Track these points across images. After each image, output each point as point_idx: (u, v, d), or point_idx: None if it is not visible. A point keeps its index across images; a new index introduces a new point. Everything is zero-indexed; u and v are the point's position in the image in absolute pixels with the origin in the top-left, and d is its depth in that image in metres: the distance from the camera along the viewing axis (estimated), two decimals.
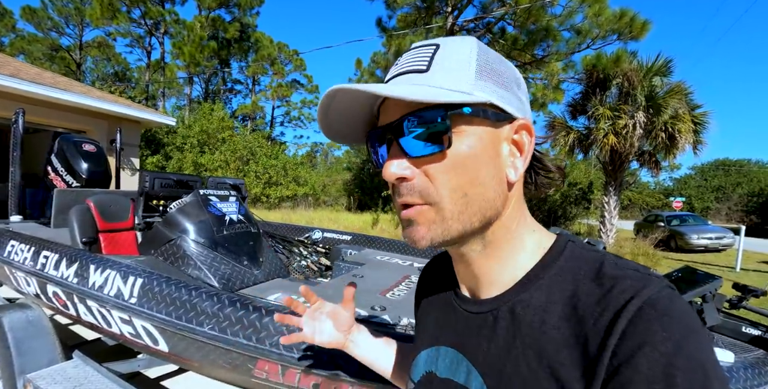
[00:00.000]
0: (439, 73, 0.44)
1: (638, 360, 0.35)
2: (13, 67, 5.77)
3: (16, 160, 3.66)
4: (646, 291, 0.39)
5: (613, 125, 10.59)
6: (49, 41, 25.35)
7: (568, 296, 0.43)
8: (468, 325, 0.51)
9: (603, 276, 0.42)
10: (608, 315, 0.39)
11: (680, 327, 0.36)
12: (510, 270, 0.49)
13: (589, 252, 0.47)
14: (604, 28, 10.52)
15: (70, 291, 1.72)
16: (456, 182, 0.44)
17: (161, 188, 2.30)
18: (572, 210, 17.83)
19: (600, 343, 0.38)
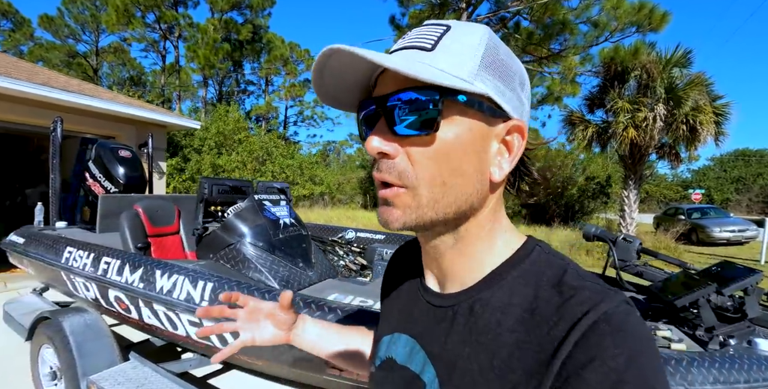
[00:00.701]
0: (444, 54, 0.43)
1: (587, 373, 0.35)
2: (45, 75, 5.94)
3: (55, 167, 3.78)
4: (603, 305, 0.38)
5: (633, 118, 10.45)
6: (66, 48, 25.86)
7: (527, 300, 0.43)
8: (429, 317, 0.51)
9: (564, 284, 0.42)
10: (563, 325, 0.39)
11: (633, 344, 0.36)
12: (476, 268, 0.48)
13: (555, 258, 0.47)
14: (622, 21, 10.36)
15: (134, 296, 1.78)
16: (437, 170, 0.43)
17: (218, 194, 2.36)
18: (590, 204, 17.65)
19: (552, 352, 0.38)
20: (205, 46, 21.82)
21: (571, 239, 10.83)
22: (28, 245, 2.72)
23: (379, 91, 0.46)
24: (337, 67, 0.44)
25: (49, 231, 3.06)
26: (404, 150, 0.43)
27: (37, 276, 2.97)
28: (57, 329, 2.20)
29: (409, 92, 0.42)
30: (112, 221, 3.13)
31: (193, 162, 14.89)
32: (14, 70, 5.47)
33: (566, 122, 12.18)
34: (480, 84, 0.42)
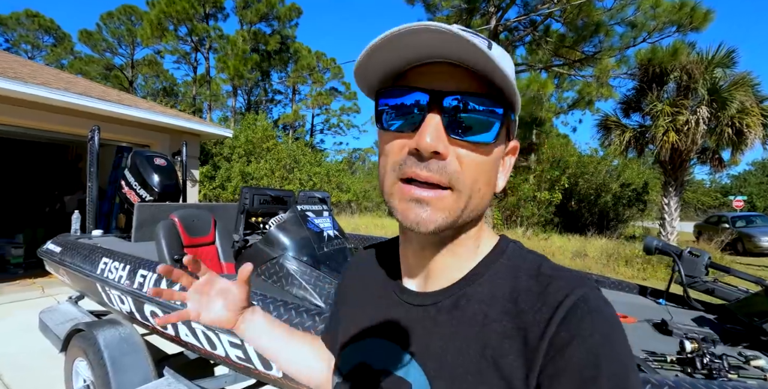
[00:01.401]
0: (505, 66, 0.41)
1: (571, 349, 0.39)
2: (83, 85, 6.09)
3: (93, 175, 3.79)
4: (579, 290, 0.42)
5: (674, 122, 10.00)
6: (104, 61, 27.04)
7: (509, 291, 0.46)
8: (409, 317, 0.51)
9: (541, 275, 0.46)
10: (546, 309, 0.42)
11: (607, 323, 0.41)
12: (461, 266, 0.50)
13: (529, 254, 0.51)
14: (661, 20, 9.93)
15: (170, 312, 1.68)
16: (480, 177, 0.45)
17: (259, 205, 2.26)
18: (625, 212, 16.95)
19: (539, 334, 0.41)
20: (235, 57, 22.35)
21: (608, 248, 10.36)
22: (64, 255, 2.69)
23: (430, 84, 0.44)
24: (396, 48, 0.43)
25: (85, 240, 3.03)
26: (454, 153, 0.43)
27: (73, 286, 2.93)
28: (91, 342, 2.13)
29: (483, 99, 0.43)
30: (147, 230, 3.08)
31: (222, 170, 15.16)
32: (54, 80, 5.63)
33: (601, 127, 11.79)
34: (516, 104, 0.46)
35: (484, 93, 0.43)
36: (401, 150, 0.44)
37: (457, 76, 0.43)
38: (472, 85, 0.43)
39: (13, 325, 4.06)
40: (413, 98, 0.44)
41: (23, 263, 6.47)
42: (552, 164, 15.09)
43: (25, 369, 3.13)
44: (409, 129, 0.44)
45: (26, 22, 26.98)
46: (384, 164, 0.47)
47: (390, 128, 0.46)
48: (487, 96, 0.43)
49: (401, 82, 0.47)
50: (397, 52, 0.43)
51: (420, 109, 0.43)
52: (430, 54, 0.43)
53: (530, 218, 12.85)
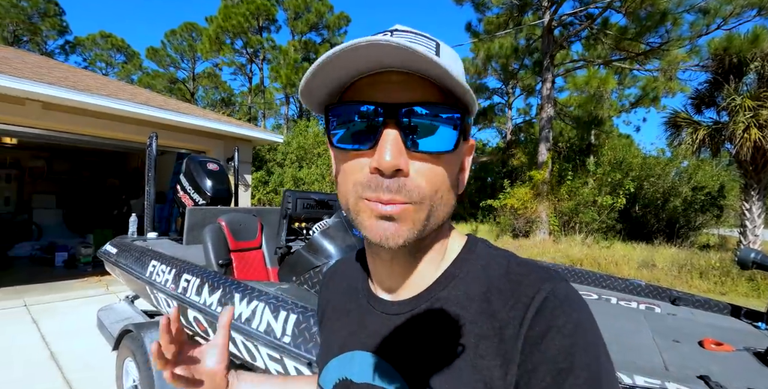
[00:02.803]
0: (455, 69, 0.39)
1: (546, 343, 0.40)
2: (144, 96, 6.47)
3: (151, 180, 3.93)
4: (548, 284, 0.43)
5: (755, 117, 9.01)
6: (168, 75, 29.05)
7: (482, 291, 0.46)
8: (385, 326, 0.51)
9: (511, 273, 0.46)
10: (519, 306, 0.42)
11: (578, 313, 0.42)
12: (431, 271, 0.50)
13: (498, 251, 0.51)
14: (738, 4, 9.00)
15: (212, 320, 1.62)
16: (441, 185, 0.44)
17: (303, 210, 2.18)
18: (697, 218, 15.48)
19: (514, 332, 0.41)
20: (287, 67, 23.10)
21: (679, 258, 9.46)
22: (119, 256, 2.76)
23: (382, 97, 0.42)
24: (341, 64, 0.40)
25: (139, 242, 3.12)
26: (415, 165, 0.42)
27: (127, 286, 3.02)
28: (139, 344, 2.14)
29: (439, 107, 0.42)
30: (198, 233, 3.12)
31: (275, 175, 15.63)
32: (120, 92, 6.02)
33: (669, 125, 10.85)
34: (472, 107, 0.45)
35: (439, 101, 0.42)
36: (361, 169, 0.43)
37: (410, 85, 0.41)
38: (425, 94, 0.41)
39: (78, 321, 4.29)
40: (366, 113, 0.42)
41: (92, 261, 6.94)
42: (613, 167, 14.13)
43: (87, 366, 3.26)
44: (366, 145, 0.42)
45: (101, 43, 29.62)
46: (344, 181, 0.46)
47: (344, 146, 0.44)
48: (442, 104, 0.42)
49: (350, 94, 0.45)
50: (342, 69, 0.41)
51: (375, 124, 0.41)
52: (376, 66, 0.41)
53: (590, 225, 12.05)
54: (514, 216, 12.49)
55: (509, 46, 13.83)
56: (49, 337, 3.79)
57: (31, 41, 25.53)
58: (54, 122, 5.06)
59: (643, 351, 1.44)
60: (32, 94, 4.58)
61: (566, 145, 18.28)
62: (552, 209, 12.07)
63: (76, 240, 7.74)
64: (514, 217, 12.51)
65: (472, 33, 12.75)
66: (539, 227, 12.01)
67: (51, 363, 3.30)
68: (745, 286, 7.59)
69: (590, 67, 11.77)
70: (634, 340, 1.54)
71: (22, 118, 4.85)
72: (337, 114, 0.44)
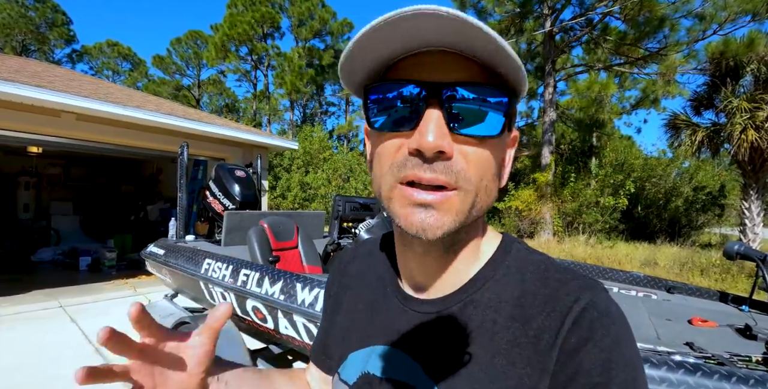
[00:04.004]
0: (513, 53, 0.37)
1: (582, 355, 0.39)
2: (168, 106, 6.79)
3: (183, 186, 4.19)
4: (588, 294, 0.42)
5: (752, 118, 9.26)
6: (174, 83, 29.49)
7: (516, 296, 0.44)
8: (414, 325, 0.49)
9: (549, 278, 0.44)
10: (556, 315, 0.41)
11: (617, 327, 0.40)
12: (463, 270, 0.48)
13: (534, 255, 0.48)
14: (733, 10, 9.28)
15: (273, 307, 1.89)
16: (487, 173, 0.41)
17: (351, 212, 2.46)
18: (699, 218, 15.71)
19: (549, 341, 0.40)
20: (291, 73, 23.49)
21: (681, 257, 9.69)
22: (168, 256, 3.04)
23: (426, 75, 0.39)
24: (397, 34, 0.37)
25: (182, 244, 3.40)
26: (459, 150, 0.39)
27: (173, 284, 3.29)
28: None
29: (485, 88, 0.39)
30: (235, 235, 3.39)
31: (283, 180, 15.90)
32: (147, 103, 6.34)
33: (669, 127, 11.11)
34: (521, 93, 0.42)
35: (486, 82, 0.39)
36: (398, 150, 0.40)
37: (455, 65, 0.39)
38: (472, 74, 0.39)
39: (114, 320, 4.57)
40: (408, 92, 0.39)
41: (116, 265, 7.23)
42: (615, 168, 14.38)
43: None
44: (406, 127, 0.39)
45: (107, 51, 30.12)
46: (378, 166, 0.43)
47: (383, 128, 0.42)
48: (489, 85, 0.39)
49: (392, 75, 0.42)
50: (396, 40, 0.38)
51: (417, 103, 0.39)
52: (434, 42, 0.38)
53: (593, 225, 12.30)
54: (519, 218, 12.74)
55: None
56: (91, 335, 4.07)
57: (38, 51, 25.98)
58: (87, 133, 5.35)
59: (639, 327, 1.69)
60: (67, 106, 4.87)
61: (568, 147, 18.53)
62: (556, 210, 12.32)
63: (97, 245, 8.02)
64: (518, 218, 12.76)
65: None
66: (543, 228, 12.26)
67: (98, 357, 3.59)
68: (744, 283, 7.81)
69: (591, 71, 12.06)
70: (632, 320, 1.78)
71: (57, 129, 5.15)
72: (376, 94, 0.42)
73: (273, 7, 24.16)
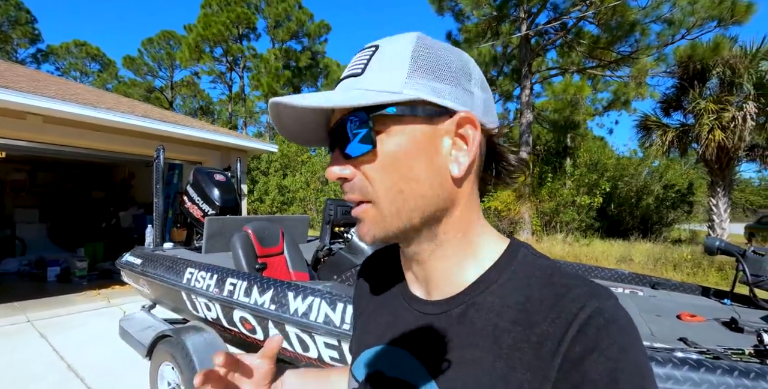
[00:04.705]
0: (373, 74, 0.45)
1: (587, 364, 0.38)
2: (142, 108, 6.54)
3: (159, 192, 4.02)
4: (595, 301, 0.41)
5: (719, 119, 9.64)
6: (145, 84, 28.66)
7: (521, 301, 0.44)
8: (419, 325, 0.51)
9: (555, 283, 0.44)
10: (561, 321, 0.41)
11: (624, 335, 0.39)
12: (463, 272, 0.49)
13: (541, 259, 0.48)
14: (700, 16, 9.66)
15: (263, 317, 1.81)
16: (390, 180, 0.44)
17: (342, 216, 2.39)
18: (669, 215, 16.27)
19: (552, 348, 0.40)
20: (268, 75, 23.16)
21: (654, 253, 10.01)
22: (146, 266, 2.90)
23: (330, 125, 0.49)
24: (291, 112, 0.47)
25: (160, 252, 3.25)
26: (359, 170, 0.46)
27: (151, 294, 3.15)
28: (180, 347, 2.28)
29: (347, 119, 0.45)
30: (216, 242, 3.27)
31: (260, 184, 15.64)
32: (119, 104, 6.08)
33: (640, 128, 11.47)
34: (410, 91, 0.43)
35: (348, 112, 0.45)
36: None
37: (337, 111, 0.47)
38: (344, 111, 0.45)
39: (88, 334, 4.36)
40: (328, 139, 0.50)
41: (87, 275, 6.91)
42: (589, 168, 14.76)
43: (108, 374, 3.36)
44: None
45: (75, 51, 29.02)
46: None
47: None
48: (351, 113, 0.44)
49: None
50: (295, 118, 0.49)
51: (332, 146, 0.49)
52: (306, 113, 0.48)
53: (570, 224, 12.56)
54: (498, 218, 12.90)
55: (487, 54, 14.31)
56: (63, 351, 3.84)
57: (0, 50, 24.83)
58: (55, 136, 5.08)
59: None
60: (33, 107, 4.60)
61: (543, 148, 18.90)
62: (534, 210, 12.53)
63: (66, 254, 7.66)
64: (498, 219, 12.92)
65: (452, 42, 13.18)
66: (522, 228, 12.44)
67: (70, 374, 3.39)
68: (715, 276, 8.13)
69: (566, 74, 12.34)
70: None
71: (22, 132, 4.87)
72: None
73: (249, 7, 23.80)
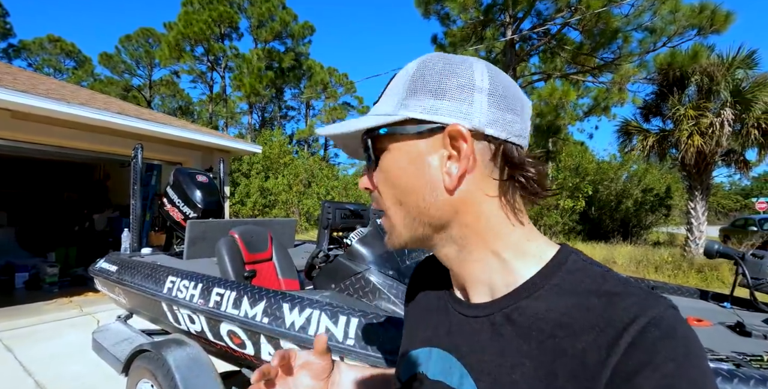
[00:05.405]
0: (383, 99, 0.52)
1: (640, 379, 0.35)
2: (118, 105, 6.24)
3: (137, 193, 3.79)
4: (651, 311, 0.38)
5: (697, 125, 9.88)
6: (123, 83, 27.82)
7: (568, 307, 0.42)
8: (462, 329, 0.51)
9: (607, 292, 0.42)
10: (611, 331, 0.38)
11: (683, 349, 0.36)
12: (502, 275, 0.48)
13: (592, 266, 0.46)
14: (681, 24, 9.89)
15: (255, 331, 1.65)
16: (390, 193, 0.50)
17: (341, 220, 2.24)
18: (648, 218, 16.64)
19: (600, 359, 0.37)
20: (250, 75, 22.77)
21: (636, 255, 10.18)
22: (122, 273, 2.69)
23: None
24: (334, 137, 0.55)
25: (138, 258, 3.04)
26: (375, 184, 0.52)
27: (127, 304, 2.93)
28: (160, 363, 2.10)
29: (361, 140, 0.52)
30: (198, 247, 3.08)
31: (242, 186, 15.30)
32: (93, 100, 5.77)
33: (621, 132, 11.66)
34: (403, 111, 0.47)
35: (362, 134, 0.51)
36: None
37: None
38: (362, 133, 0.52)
39: (58, 346, 4.08)
40: None
41: (58, 282, 6.55)
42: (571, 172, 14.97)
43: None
44: None
45: (49, 47, 27.98)
46: None
47: None
48: (363, 134, 0.51)
49: None
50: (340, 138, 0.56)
51: None
52: None
53: (554, 227, 12.67)
54: None
55: None
56: (30, 366, 3.57)
57: None
58: (24, 133, 4.78)
59: None
60: (2, 102, 4.32)
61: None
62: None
63: (36, 260, 7.25)
64: None
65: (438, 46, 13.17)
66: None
67: None
68: (695, 278, 8.30)
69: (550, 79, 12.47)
70: None
71: None
72: None
73: (231, 6, 23.39)
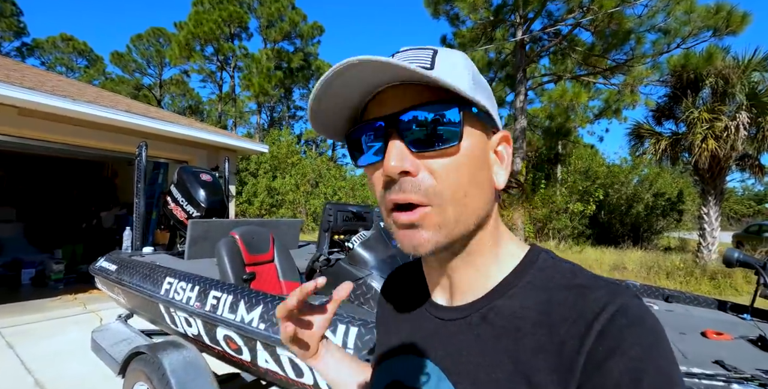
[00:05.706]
0: (445, 72, 0.43)
1: (610, 364, 0.36)
2: (126, 103, 6.24)
3: (140, 191, 3.76)
4: (618, 300, 0.40)
5: (711, 128, 9.68)
6: (133, 82, 28.07)
7: (541, 303, 0.43)
8: (440, 333, 0.50)
9: (577, 285, 0.43)
10: (582, 321, 0.39)
11: (649, 335, 0.38)
12: (485, 278, 0.48)
13: (561, 263, 0.48)
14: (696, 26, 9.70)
15: (251, 337, 1.58)
16: (460, 181, 0.43)
17: (343, 222, 2.17)
18: (659, 223, 16.36)
19: (574, 348, 0.39)
20: (259, 75, 22.83)
21: (647, 261, 9.98)
22: (121, 273, 2.64)
23: (380, 111, 0.45)
24: (341, 89, 0.44)
25: (138, 257, 2.99)
26: (424, 167, 0.43)
27: (126, 304, 2.88)
28: (155, 367, 2.04)
29: (426, 107, 0.42)
30: (200, 247, 3.03)
31: (249, 185, 15.33)
32: (101, 98, 5.77)
33: (633, 135, 11.47)
34: (479, 97, 0.44)
35: (434, 100, 0.42)
36: (380, 181, 0.45)
37: (408, 93, 0.43)
38: (423, 96, 0.43)
39: (60, 344, 4.05)
40: (373, 128, 0.45)
41: (63, 278, 6.56)
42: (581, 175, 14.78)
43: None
44: (379, 157, 0.45)
45: (61, 46, 28.33)
46: (374, 195, 0.48)
47: (364, 163, 0.48)
48: (437, 102, 0.42)
49: (363, 118, 0.48)
50: (340, 96, 0.45)
51: (380, 136, 0.45)
52: (375, 83, 0.44)
53: (563, 231, 12.50)
54: None
55: (481, 60, 14.25)
56: (31, 363, 3.54)
57: None
58: (32, 130, 4.78)
59: None
60: (7, 98, 4.31)
61: (535, 154, 18.94)
62: (527, 216, 12.44)
63: (43, 256, 7.28)
64: None
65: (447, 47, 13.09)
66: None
67: None
68: (707, 285, 8.11)
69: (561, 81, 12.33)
70: None
71: None
72: (353, 136, 0.48)
73: (241, 6, 23.49)
